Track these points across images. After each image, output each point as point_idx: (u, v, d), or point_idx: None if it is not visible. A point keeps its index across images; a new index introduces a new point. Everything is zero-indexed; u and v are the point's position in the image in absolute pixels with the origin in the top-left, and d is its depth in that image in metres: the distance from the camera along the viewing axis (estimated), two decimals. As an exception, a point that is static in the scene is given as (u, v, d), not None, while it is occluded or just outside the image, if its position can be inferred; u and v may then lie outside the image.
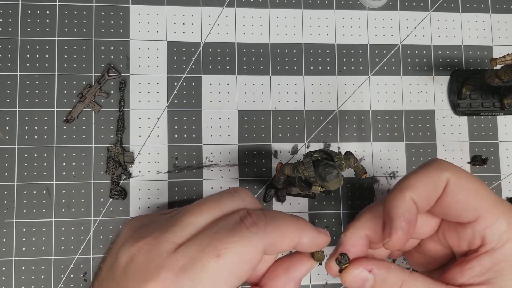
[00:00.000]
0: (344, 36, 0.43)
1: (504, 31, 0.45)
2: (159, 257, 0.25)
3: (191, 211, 0.27)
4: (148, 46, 0.41)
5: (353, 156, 0.30)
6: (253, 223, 0.26)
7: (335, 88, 0.42)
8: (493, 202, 0.27)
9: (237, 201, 0.28)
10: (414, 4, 0.44)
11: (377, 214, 0.29)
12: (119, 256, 0.27)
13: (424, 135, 0.43)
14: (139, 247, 0.26)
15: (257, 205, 0.29)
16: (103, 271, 0.28)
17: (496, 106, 0.43)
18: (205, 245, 0.25)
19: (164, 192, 0.40)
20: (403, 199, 0.27)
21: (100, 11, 0.41)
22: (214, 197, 0.28)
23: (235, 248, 0.24)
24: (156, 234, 0.26)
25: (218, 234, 0.25)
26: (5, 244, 0.38)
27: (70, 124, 0.40)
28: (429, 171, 0.28)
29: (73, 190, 0.39)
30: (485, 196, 0.28)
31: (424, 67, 0.43)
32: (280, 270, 0.29)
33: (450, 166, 0.28)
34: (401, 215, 0.27)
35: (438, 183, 0.28)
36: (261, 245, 0.25)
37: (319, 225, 0.41)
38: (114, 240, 0.30)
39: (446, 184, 0.28)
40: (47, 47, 0.40)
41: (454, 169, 0.28)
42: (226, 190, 0.29)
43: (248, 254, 0.25)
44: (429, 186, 0.28)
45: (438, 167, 0.28)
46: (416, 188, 0.28)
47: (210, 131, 0.41)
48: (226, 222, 0.26)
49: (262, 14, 0.42)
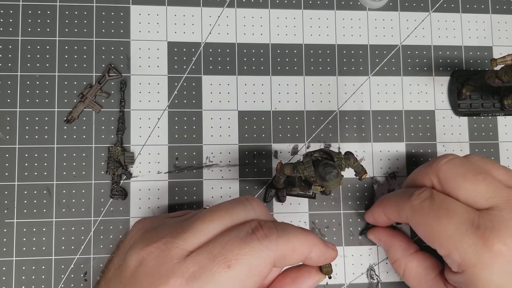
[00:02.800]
0: (344, 36, 0.43)
1: (504, 32, 0.45)
2: (169, 263, 0.25)
3: (202, 219, 0.27)
4: (148, 46, 0.41)
5: (353, 156, 0.30)
6: (265, 236, 0.26)
7: (335, 89, 0.42)
8: (446, 236, 0.29)
9: (249, 211, 0.28)
10: (414, 5, 0.44)
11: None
12: (127, 258, 0.27)
13: (424, 136, 0.43)
14: (149, 251, 0.26)
15: (268, 216, 0.29)
16: (110, 271, 0.28)
17: (496, 107, 0.43)
18: (216, 254, 0.25)
19: (165, 192, 0.40)
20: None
21: (100, 11, 0.41)
22: (226, 205, 0.28)
23: (245, 260, 0.25)
24: (167, 240, 0.26)
25: (230, 244, 0.25)
26: (5, 244, 0.38)
27: (70, 124, 0.40)
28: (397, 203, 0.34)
29: (73, 190, 0.39)
30: (438, 231, 0.29)
31: (424, 68, 0.43)
32: (287, 280, 0.29)
33: (409, 202, 0.32)
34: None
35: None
36: (271, 258, 0.26)
37: (319, 225, 0.41)
38: (122, 240, 0.30)
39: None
40: (47, 47, 0.40)
41: (410, 206, 0.31)
42: (238, 198, 0.29)
43: (258, 266, 0.25)
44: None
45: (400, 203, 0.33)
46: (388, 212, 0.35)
47: (210, 131, 0.41)
48: (237, 232, 0.26)
49: (262, 15, 0.43)
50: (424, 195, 0.31)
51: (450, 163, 0.31)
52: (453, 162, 0.31)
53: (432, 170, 0.32)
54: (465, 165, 0.31)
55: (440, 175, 0.31)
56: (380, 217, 0.36)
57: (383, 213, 0.36)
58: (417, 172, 0.35)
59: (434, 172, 0.32)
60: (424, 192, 0.31)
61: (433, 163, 0.32)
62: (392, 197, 0.35)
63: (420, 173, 0.34)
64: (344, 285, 0.40)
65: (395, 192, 0.36)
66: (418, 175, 0.34)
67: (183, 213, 0.34)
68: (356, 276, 0.40)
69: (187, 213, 0.33)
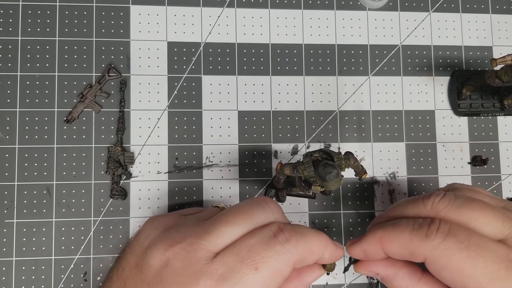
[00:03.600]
0: (344, 36, 0.43)
1: (504, 32, 0.45)
2: (197, 264, 0.26)
3: (226, 221, 0.28)
4: (148, 46, 0.41)
5: (353, 156, 0.30)
6: (286, 240, 0.27)
7: (335, 89, 0.42)
8: (487, 279, 0.25)
9: (268, 214, 0.29)
10: (414, 5, 0.44)
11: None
12: (149, 258, 0.27)
13: (424, 136, 0.43)
14: (175, 252, 0.27)
15: (284, 217, 0.30)
16: (125, 269, 0.29)
17: (496, 107, 0.43)
18: (243, 257, 0.26)
19: (165, 192, 0.40)
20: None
21: (100, 11, 0.41)
22: (247, 208, 0.29)
23: (271, 262, 0.26)
24: (191, 240, 0.27)
25: (256, 247, 0.26)
26: (5, 244, 0.38)
27: (70, 124, 0.40)
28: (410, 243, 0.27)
29: (73, 190, 0.39)
30: (475, 276, 0.25)
31: (424, 68, 0.43)
32: (293, 274, 0.30)
33: (428, 240, 0.26)
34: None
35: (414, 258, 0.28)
36: (292, 260, 0.27)
37: (319, 225, 0.41)
38: (134, 238, 0.30)
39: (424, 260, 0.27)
40: (47, 47, 0.40)
41: (432, 247, 0.26)
42: (256, 200, 0.30)
43: (281, 268, 0.26)
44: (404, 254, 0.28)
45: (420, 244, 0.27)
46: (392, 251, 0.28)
47: (210, 131, 0.41)
48: (261, 236, 0.27)
49: (262, 15, 0.43)
50: (443, 230, 0.26)
51: (446, 198, 0.28)
52: (449, 197, 0.28)
53: (427, 212, 0.28)
54: (459, 196, 0.28)
55: (440, 214, 0.28)
56: (378, 254, 0.29)
57: (383, 250, 0.29)
58: (403, 210, 0.30)
59: (432, 213, 0.28)
60: (442, 226, 0.26)
61: (427, 204, 0.29)
62: (395, 230, 0.28)
63: (409, 211, 0.30)
64: (344, 285, 0.40)
65: (395, 225, 0.29)
66: (406, 212, 0.30)
67: (195, 210, 0.34)
68: (356, 276, 0.40)
69: (199, 211, 0.33)
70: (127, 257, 0.29)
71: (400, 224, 0.28)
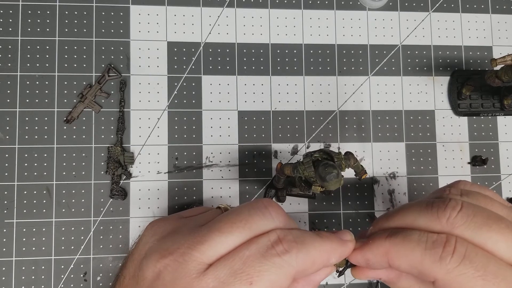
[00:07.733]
0: (344, 36, 0.43)
1: (504, 32, 0.45)
2: (187, 278, 0.24)
3: (221, 229, 0.26)
4: (148, 46, 0.41)
5: (353, 156, 0.30)
6: (285, 251, 0.25)
7: (335, 89, 0.42)
8: None
9: (268, 221, 0.27)
10: (414, 5, 0.44)
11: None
12: (144, 268, 0.26)
13: (424, 136, 0.43)
14: (166, 264, 0.25)
15: (287, 222, 0.28)
16: (126, 278, 0.28)
17: (496, 107, 0.43)
18: (237, 270, 0.24)
19: (164, 192, 0.40)
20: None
21: (100, 11, 0.41)
22: (245, 215, 0.27)
23: (267, 276, 0.24)
24: (183, 251, 0.25)
25: (251, 259, 0.24)
26: (5, 244, 0.38)
27: (70, 124, 0.40)
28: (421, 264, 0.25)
29: (73, 190, 0.39)
30: None
31: (424, 68, 0.43)
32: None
33: (441, 264, 0.24)
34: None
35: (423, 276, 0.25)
36: (292, 273, 0.25)
37: (319, 225, 0.41)
38: (136, 243, 0.30)
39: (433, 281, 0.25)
40: (47, 47, 0.40)
41: (445, 271, 0.24)
42: (256, 205, 0.28)
43: (279, 281, 0.25)
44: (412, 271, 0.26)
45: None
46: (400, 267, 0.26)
47: (210, 131, 0.41)
48: (258, 247, 0.25)
49: (262, 15, 0.43)
50: (459, 254, 0.24)
51: (463, 215, 0.25)
52: (467, 213, 0.26)
53: (442, 227, 0.26)
54: (478, 214, 0.26)
55: (455, 231, 0.25)
56: (381, 265, 0.28)
57: (389, 263, 0.27)
58: (413, 220, 0.27)
59: (447, 229, 0.26)
60: (458, 248, 0.24)
61: (441, 218, 0.26)
62: (405, 246, 0.26)
63: (421, 223, 0.27)
64: (344, 285, 0.40)
65: (405, 239, 0.26)
66: (417, 223, 0.27)
67: (197, 211, 0.33)
68: (356, 276, 0.40)
69: (201, 211, 0.32)
70: (128, 265, 0.29)
71: (411, 239, 0.26)
